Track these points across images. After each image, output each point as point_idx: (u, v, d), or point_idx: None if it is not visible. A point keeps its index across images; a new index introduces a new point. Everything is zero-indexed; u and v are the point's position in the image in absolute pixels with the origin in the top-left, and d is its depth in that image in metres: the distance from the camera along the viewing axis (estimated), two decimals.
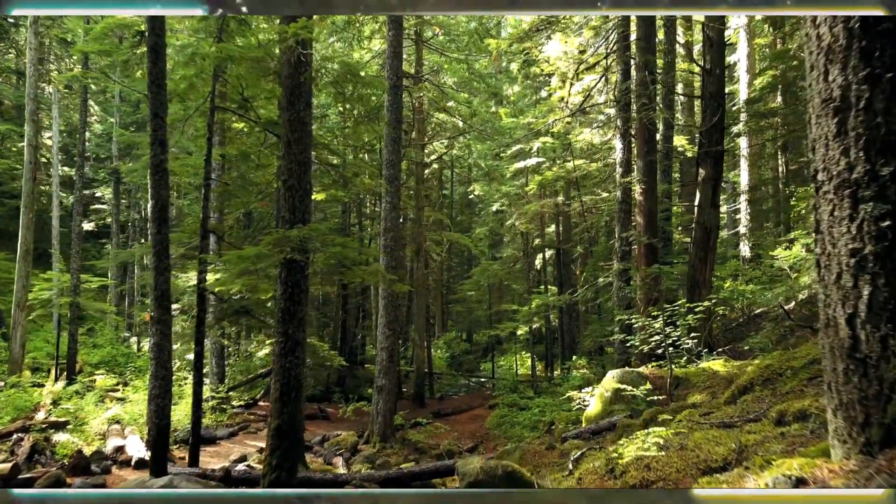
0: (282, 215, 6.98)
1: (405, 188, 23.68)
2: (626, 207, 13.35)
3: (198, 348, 9.01)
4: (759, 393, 5.27)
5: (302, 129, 7.11)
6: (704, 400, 7.15)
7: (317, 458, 13.08)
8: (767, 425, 3.65)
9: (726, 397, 5.81)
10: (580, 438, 7.67)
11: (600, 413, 8.58)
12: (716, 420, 4.56)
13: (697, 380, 8.10)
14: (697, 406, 6.68)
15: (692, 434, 4.03)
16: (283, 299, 6.91)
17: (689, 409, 5.66)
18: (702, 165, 12.43)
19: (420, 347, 21.49)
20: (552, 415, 15.82)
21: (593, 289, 15.51)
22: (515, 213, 24.57)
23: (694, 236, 12.38)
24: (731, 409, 5.03)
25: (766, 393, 5.20)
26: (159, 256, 8.27)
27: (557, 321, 24.69)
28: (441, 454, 14.28)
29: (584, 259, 24.86)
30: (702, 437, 3.73)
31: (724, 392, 6.41)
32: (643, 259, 12.54)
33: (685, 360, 9.33)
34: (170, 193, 12.50)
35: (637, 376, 8.41)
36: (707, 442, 3.54)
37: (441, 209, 30.63)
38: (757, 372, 5.67)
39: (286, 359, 6.83)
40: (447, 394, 25.40)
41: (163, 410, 8.02)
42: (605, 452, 4.56)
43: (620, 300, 12.78)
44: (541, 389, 20.06)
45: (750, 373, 5.78)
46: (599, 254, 21.21)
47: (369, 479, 8.00)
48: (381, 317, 14.35)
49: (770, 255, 17.97)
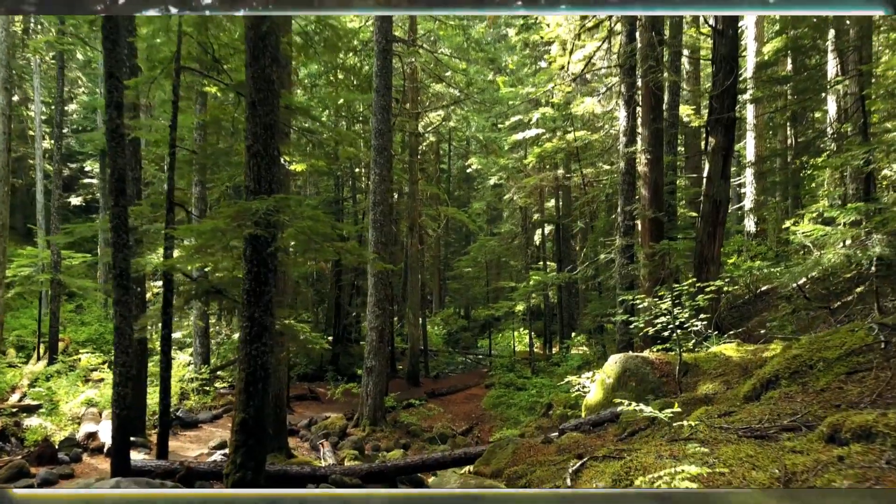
0: (246, 185, 6.21)
1: (399, 161, 22.84)
2: (629, 179, 12.54)
3: (165, 331, 8.30)
4: (787, 388, 4.56)
5: (268, 88, 6.30)
6: (718, 390, 6.46)
7: (303, 443, 12.50)
8: (814, 441, 2.94)
9: (746, 390, 5.11)
10: (579, 430, 7.01)
11: (601, 401, 7.91)
12: (741, 425, 3.85)
13: (708, 366, 7.41)
14: (711, 398, 5.99)
15: (717, 447, 3.32)
16: (249, 279, 6.17)
17: (704, 407, 4.95)
18: (711, 133, 11.60)
19: (414, 326, 20.85)
20: (550, 396, 15.23)
21: (594, 266, 14.78)
22: (514, 186, 23.74)
23: (702, 210, 11.60)
24: (756, 408, 4.32)
25: (796, 389, 4.49)
26: (118, 232, 7.51)
27: (556, 298, 24.03)
28: (434, 437, 13.71)
29: (585, 234, 24.11)
30: (732, 454, 3.03)
31: (742, 384, 5.70)
32: (647, 234, 11.78)
33: (692, 343, 8.64)
34: (141, 164, 11.71)
35: (642, 362, 7.72)
36: (739, 462, 2.84)
37: (438, 183, 29.80)
38: (782, 362, 4.96)
39: (252, 346, 6.12)
40: (443, 372, 24.86)
41: (124, 400, 7.34)
42: (609, 467, 3.87)
43: (623, 278, 12.06)
44: (538, 369, 19.47)
45: (774, 363, 5.07)
46: (600, 229, 20.44)
47: (350, 472, 7.36)
48: (371, 295, 13.65)
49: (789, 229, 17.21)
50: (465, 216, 23.50)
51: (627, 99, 12.50)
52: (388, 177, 13.88)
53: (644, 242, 11.80)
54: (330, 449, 11.47)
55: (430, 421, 15.16)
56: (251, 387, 6.07)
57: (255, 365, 6.11)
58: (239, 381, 6.12)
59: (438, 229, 29.70)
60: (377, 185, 13.55)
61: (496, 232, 27.97)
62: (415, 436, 13.85)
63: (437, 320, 33.59)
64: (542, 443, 6.69)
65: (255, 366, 6.11)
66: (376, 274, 13.40)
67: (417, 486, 7.82)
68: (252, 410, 6.04)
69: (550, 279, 14.46)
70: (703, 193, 11.62)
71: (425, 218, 24.40)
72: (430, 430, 14.25)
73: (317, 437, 12.34)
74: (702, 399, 5.99)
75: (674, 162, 16.93)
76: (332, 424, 13.08)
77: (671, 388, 7.30)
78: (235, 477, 5.86)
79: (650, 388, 7.41)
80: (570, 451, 6.22)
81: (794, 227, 8.77)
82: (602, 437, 6.55)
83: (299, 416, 15.26)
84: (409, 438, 13.53)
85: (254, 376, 6.09)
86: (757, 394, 4.96)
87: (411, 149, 21.09)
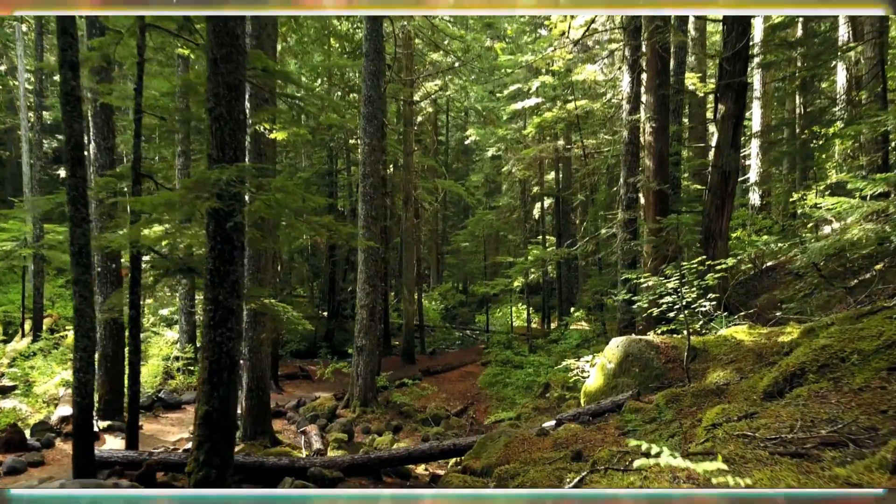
0: (209, 153, 5.55)
1: (393, 132, 22.04)
2: (632, 149, 11.83)
3: (133, 312, 7.69)
4: (817, 385, 3.97)
5: (231, 44, 5.60)
6: (730, 379, 5.89)
7: (290, 425, 12.03)
8: (874, 469, 2.35)
9: (766, 384, 4.52)
10: (578, 421, 6.46)
11: (602, 388, 7.36)
12: (770, 434, 3.26)
13: (718, 351, 6.83)
14: (724, 390, 5.42)
15: (746, 468, 2.73)
16: (212, 258, 5.55)
17: (720, 405, 4.37)
18: (721, 100, 10.87)
19: (410, 302, 20.30)
20: (547, 376, 14.75)
21: (594, 241, 14.15)
22: (513, 158, 22.98)
23: (710, 181, 10.93)
24: (783, 409, 3.73)
25: (827, 387, 3.90)
26: (75, 205, 6.86)
27: (555, 273, 23.45)
28: (427, 419, 13.25)
29: (585, 208, 23.44)
30: (767, 481, 2.44)
31: (761, 376, 5.12)
32: (652, 208, 11.13)
33: (700, 324, 8.07)
34: (114, 132, 10.99)
35: (646, 346, 7.15)
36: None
37: (436, 155, 29.00)
38: (809, 353, 4.36)
39: (216, 331, 5.53)
40: (439, 348, 24.42)
41: (85, 387, 6.78)
42: (613, 483, 3.29)
43: (624, 254, 11.45)
44: (536, 346, 18.98)
45: (799, 354, 4.48)
46: (601, 202, 19.76)
47: (331, 465, 6.84)
48: (361, 272, 13.05)
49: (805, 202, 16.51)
50: (461, 189, 22.78)
51: (632, 63, 11.72)
52: (378, 147, 13.16)
53: (648, 216, 11.16)
54: (317, 432, 10.99)
55: (423, 401, 14.70)
56: (215, 376, 5.50)
57: (220, 352, 5.53)
58: (202, 370, 5.55)
59: (435, 203, 29.00)
60: (367, 156, 12.85)
61: (494, 205, 27.23)
62: (407, 416, 13.39)
63: (435, 295, 33.07)
64: (537, 435, 6.15)
65: (219, 353, 5.52)
66: (366, 250, 12.79)
67: (404, 478, 7.32)
68: (217, 402, 5.47)
69: (549, 255, 13.84)
70: (712, 164, 10.95)
71: (421, 191, 23.70)
72: (424, 411, 13.78)
73: (304, 420, 11.87)
74: (713, 391, 5.42)
75: (679, 131, 16.16)
76: (321, 406, 12.60)
77: (677, 376, 6.74)
78: (198, 476, 5.32)
79: (654, 375, 6.85)
80: (567, 447, 5.68)
81: (817, 200, 8.10)
82: (603, 429, 6.00)
83: (289, 395, 14.80)
84: (402, 420, 13.07)
85: (218, 365, 5.52)
86: (779, 389, 4.37)
87: (406, 118, 20.29)
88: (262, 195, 5.05)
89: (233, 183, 5.11)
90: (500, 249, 31.23)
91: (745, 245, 17.87)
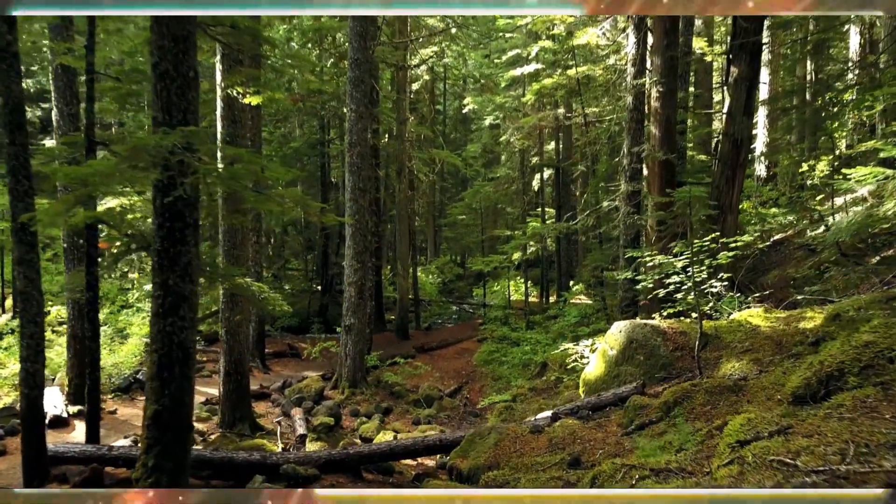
0: (153, 116, 4.81)
1: (387, 99, 21.13)
2: (637, 116, 11.02)
3: (90, 293, 7.04)
4: (861, 392, 3.32)
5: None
6: (747, 372, 5.25)
7: (274, 409, 11.47)
8: None
9: (796, 385, 3.87)
10: (576, 416, 5.84)
11: (602, 376, 6.73)
12: (816, 462, 2.61)
13: (732, 338, 6.18)
14: (742, 387, 4.77)
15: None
16: (160, 237, 4.85)
17: (743, 414, 3.71)
18: (734, 62, 10.05)
19: (403, 277, 19.67)
20: (544, 355, 14.17)
21: (595, 215, 13.43)
22: (511, 127, 22.09)
23: (720, 151, 10.19)
24: (824, 423, 3.07)
25: (874, 394, 3.25)
26: (16, 176, 6.15)
27: (554, 246, 22.77)
28: (419, 399, 12.71)
29: (586, 179, 22.64)
30: None
31: (789, 374, 4.48)
32: (657, 179, 10.39)
33: (709, 307, 7.41)
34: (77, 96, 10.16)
35: (651, 332, 6.50)
36: None
37: (433, 125, 28.04)
38: (849, 352, 3.70)
39: (166, 320, 4.86)
40: (435, 323, 23.88)
41: (34, 378, 6.15)
42: None
43: (627, 229, 10.74)
44: (534, 322, 18.39)
45: (835, 352, 3.82)
46: (602, 174, 18.97)
47: (306, 461, 6.24)
48: (349, 247, 12.37)
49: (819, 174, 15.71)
50: (458, 160, 21.93)
51: (638, 22, 10.85)
52: (366, 114, 12.35)
53: (653, 188, 10.43)
54: (302, 416, 10.42)
55: (416, 380, 14.16)
56: (166, 371, 4.85)
57: (171, 344, 4.87)
58: (151, 364, 4.90)
59: (432, 174, 28.16)
60: (354, 124, 12.05)
61: (492, 177, 26.39)
62: (398, 397, 12.85)
63: (432, 269, 32.45)
64: (530, 432, 5.54)
65: (170, 345, 4.87)
66: (354, 224, 12.08)
67: (386, 474, 6.75)
68: (167, 400, 4.83)
69: (548, 230, 13.14)
70: (722, 131, 10.19)
71: (417, 162, 22.88)
72: (416, 391, 13.25)
73: (289, 403, 11.30)
74: (730, 387, 4.78)
75: (686, 97, 15.29)
76: (308, 387, 12.03)
77: (686, 365, 6.10)
78: (147, 483, 4.71)
79: (661, 364, 6.22)
80: (564, 448, 5.06)
81: (846, 171, 7.35)
82: (604, 427, 5.38)
83: (276, 375, 14.24)
84: (392, 401, 12.53)
85: (169, 358, 4.86)
86: (812, 392, 3.72)
87: (399, 85, 19.37)
88: (210, 165, 4.32)
89: (177, 150, 4.39)
90: (498, 222, 30.51)
91: (751, 218, 17.15)
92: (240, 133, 9.18)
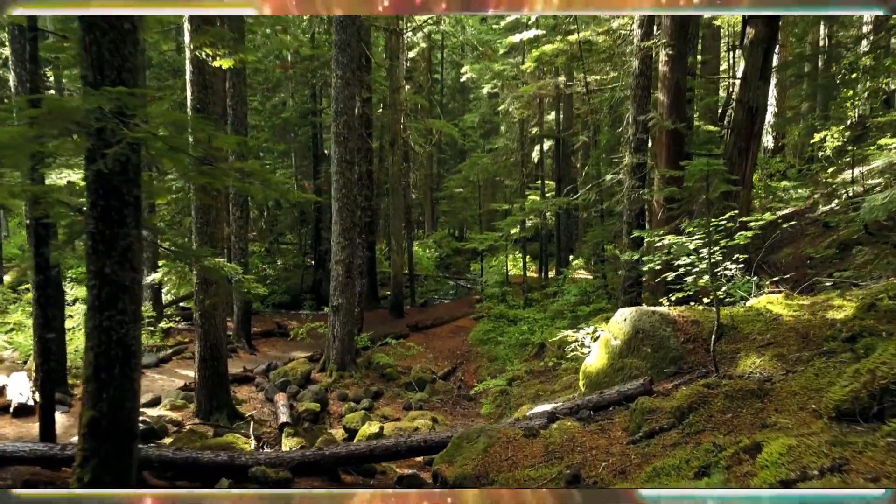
0: (82, 75, 4.08)
1: (380, 67, 20.21)
2: (643, 82, 10.20)
3: (39, 277, 6.38)
4: None
5: None
6: (771, 371, 4.61)
7: (258, 393, 10.91)
8: None
9: (840, 398, 3.23)
10: (576, 416, 5.23)
11: (605, 369, 6.11)
12: None
13: (750, 328, 5.54)
14: (767, 391, 4.14)
15: None
16: (94, 218, 4.17)
17: (783, 437, 3.06)
18: (750, 23, 9.24)
19: (398, 253, 19.01)
20: (542, 335, 13.59)
21: (597, 189, 12.70)
22: (510, 95, 21.18)
23: (733, 119, 9.43)
24: (886, 455, 2.44)
25: None
26: None
27: (553, 220, 22.05)
28: (410, 383, 12.16)
29: (587, 151, 21.82)
30: None
31: (815, 371, 3.84)
32: (665, 150, 9.66)
33: (722, 291, 6.75)
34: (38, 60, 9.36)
35: (660, 321, 5.85)
36: None
37: (431, 95, 27.07)
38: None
39: (103, 314, 4.21)
40: (431, 300, 23.29)
41: None
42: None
43: (632, 204, 10.03)
44: (532, 299, 17.79)
45: (888, 357, 3.17)
46: (604, 144, 18.17)
47: (278, 462, 5.66)
48: (336, 223, 11.67)
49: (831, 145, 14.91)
50: (454, 130, 21.07)
51: None
52: (353, 80, 11.54)
53: (660, 160, 9.71)
54: (286, 402, 9.85)
55: (408, 361, 13.60)
56: (103, 372, 4.21)
57: (109, 340, 4.23)
58: (86, 364, 4.26)
59: (429, 145, 27.28)
60: (340, 91, 11.25)
61: (491, 147, 25.51)
62: (390, 380, 12.29)
63: (430, 243, 31.76)
64: (524, 436, 4.93)
65: (108, 342, 4.23)
66: (340, 199, 11.38)
67: (367, 475, 6.17)
68: (106, 406, 4.21)
69: (547, 205, 12.43)
70: (736, 98, 9.42)
71: (412, 132, 22.04)
72: (408, 373, 12.69)
73: (273, 387, 10.74)
74: (754, 391, 4.14)
75: (693, 64, 14.42)
76: (294, 370, 11.45)
77: (699, 360, 5.47)
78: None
79: (670, 358, 5.58)
80: (562, 457, 4.45)
81: (885, 141, 6.62)
82: (607, 431, 4.77)
83: (262, 356, 13.67)
84: (383, 384, 11.97)
85: (107, 357, 4.23)
86: (862, 408, 3.08)
87: (392, 51, 18.45)
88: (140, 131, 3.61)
89: (103, 115, 3.68)
90: (496, 195, 29.71)
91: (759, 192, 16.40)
92: (212, 100, 8.41)
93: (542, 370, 11.44)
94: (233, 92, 13.34)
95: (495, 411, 10.10)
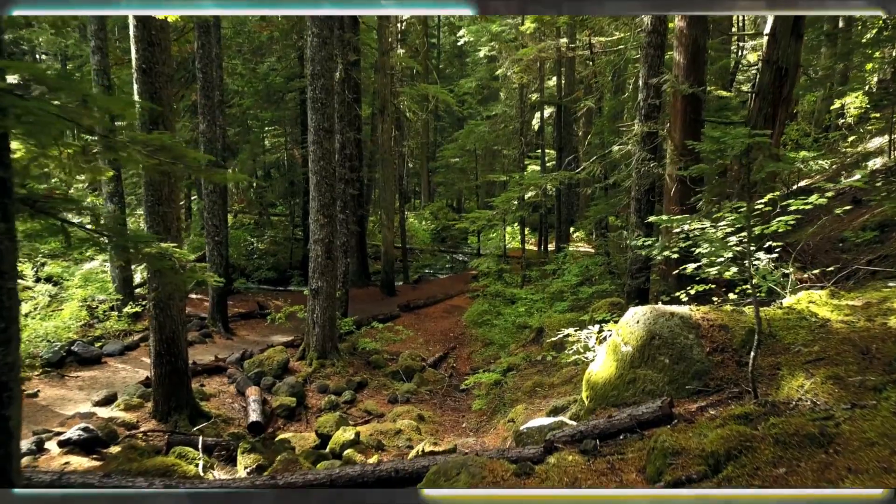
0: None
1: (370, 28, 18.89)
2: (657, 41, 9.02)
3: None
4: None
5: None
6: (829, 400, 3.63)
7: (229, 386, 10.00)
8: None
9: None
10: (579, 448, 4.27)
11: (613, 380, 5.14)
12: None
13: (792, 337, 4.55)
14: (831, 436, 3.17)
15: None
16: None
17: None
18: None
19: (388, 228, 17.97)
20: (541, 318, 12.65)
21: (601, 161, 11.59)
22: (508, 59, 19.87)
23: (759, 81, 8.33)
24: None
25: None
26: None
27: (553, 192, 20.96)
28: (397, 371, 11.27)
29: (590, 118, 20.59)
30: None
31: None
32: (679, 118, 8.54)
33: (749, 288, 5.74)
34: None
35: (680, 325, 4.86)
36: None
37: (427, 59, 25.65)
38: None
39: None
40: (426, 275, 22.34)
41: None
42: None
43: (641, 178, 8.96)
44: (530, 277, 16.83)
45: None
46: (609, 111, 16.97)
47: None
48: (314, 199, 10.63)
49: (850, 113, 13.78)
50: (449, 96, 19.82)
51: None
52: (331, 40, 10.37)
53: (674, 129, 8.60)
54: (258, 397, 8.97)
55: (397, 346, 12.70)
56: None
57: None
58: None
59: (424, 112, 26.00)
60: (316, 51, 10.08)
61: (489, 115, 24.25)
62: (375, 368, 11.41)
63: (426, 214, 30.68)
64: (514, 474, 3.98)
65: None
66: (319, 172, 10.31)
67: None
68: None
69: (548, 180, 11.35)
70: (763, 58, 8.29)
71: (406, 98, 20.79)
72: (396, 360, 11.80)
73: (245, 379, 9.83)
74: (813, 437, 3.17)
75: (707, 19, 13.12)
76: (270, 359, 10.53)
77: (729, 374, 4.49)
78: None
79: (694, 372, 4.61)
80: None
81: None
82: (618, 471, 3.82)
83: (240, 340, 12.75)
84: (368, 373, 11.08)
85: None
86: None
87: None
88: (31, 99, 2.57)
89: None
90: (494, 166, 28.55)
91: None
92: (161, 59, 7.28)
93: (539, 358, 10.52)
94: (202, 53, 12.15)
95: (488, 407, 9.21)
